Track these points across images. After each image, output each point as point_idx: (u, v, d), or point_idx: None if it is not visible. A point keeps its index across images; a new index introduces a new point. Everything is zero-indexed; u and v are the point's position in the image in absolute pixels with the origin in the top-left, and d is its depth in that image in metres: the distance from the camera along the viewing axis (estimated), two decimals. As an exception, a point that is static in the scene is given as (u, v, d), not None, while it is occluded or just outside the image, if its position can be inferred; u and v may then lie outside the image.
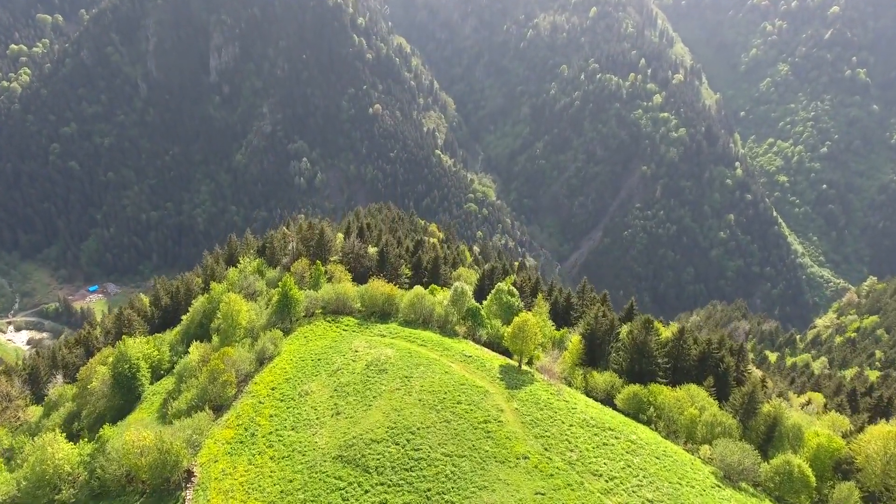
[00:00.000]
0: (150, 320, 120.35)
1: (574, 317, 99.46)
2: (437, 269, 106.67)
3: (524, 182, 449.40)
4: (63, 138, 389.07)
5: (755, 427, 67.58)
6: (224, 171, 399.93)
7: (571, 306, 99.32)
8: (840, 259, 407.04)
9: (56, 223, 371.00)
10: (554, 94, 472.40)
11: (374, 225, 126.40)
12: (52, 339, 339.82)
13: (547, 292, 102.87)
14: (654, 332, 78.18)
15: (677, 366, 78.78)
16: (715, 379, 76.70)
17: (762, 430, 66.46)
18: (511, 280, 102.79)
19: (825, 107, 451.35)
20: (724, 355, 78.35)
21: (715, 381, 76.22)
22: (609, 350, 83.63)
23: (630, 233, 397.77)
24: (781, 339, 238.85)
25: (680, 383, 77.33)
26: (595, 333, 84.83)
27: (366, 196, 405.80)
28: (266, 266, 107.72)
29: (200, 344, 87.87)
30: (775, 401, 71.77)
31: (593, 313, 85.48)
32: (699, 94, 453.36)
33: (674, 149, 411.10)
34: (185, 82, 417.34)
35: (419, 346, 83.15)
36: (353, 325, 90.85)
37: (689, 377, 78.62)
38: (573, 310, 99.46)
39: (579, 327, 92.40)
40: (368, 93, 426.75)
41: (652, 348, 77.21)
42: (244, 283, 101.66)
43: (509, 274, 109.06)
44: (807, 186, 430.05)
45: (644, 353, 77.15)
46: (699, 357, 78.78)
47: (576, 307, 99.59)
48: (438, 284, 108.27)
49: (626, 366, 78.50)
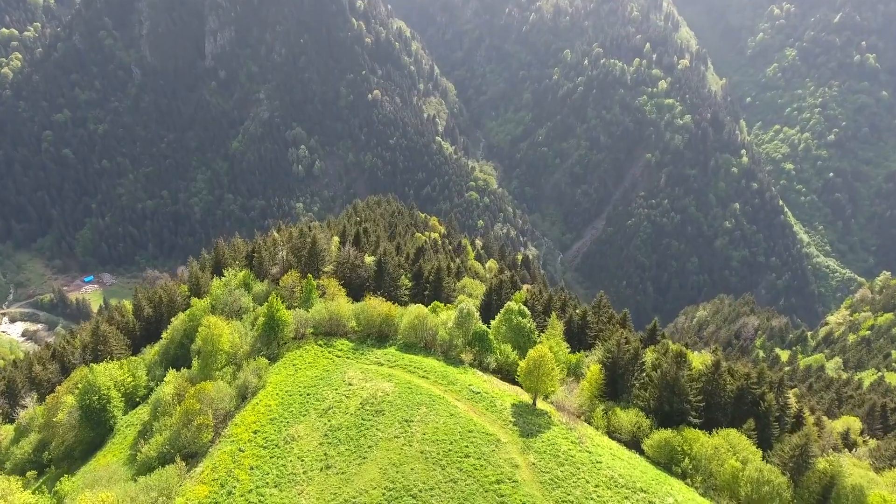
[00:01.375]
0: (132, 332, 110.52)
1: (590, 336, 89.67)
2: (440, 281, 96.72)
3: (526, 170, 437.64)
4: (56, 125, 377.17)
5: (807, 484, 58.12)
6: (220, 158, 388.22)
7: (587, 325, 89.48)
8: (846, 249, 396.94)
9: (50, 212, 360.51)
10: (557, 79, 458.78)
11: (371, 230, 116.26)
12: (47, 330, 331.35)
13: (560, 308, 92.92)
14: (686, 366, 68.38)
15: (710, 402, 69.20)
16: (755, 419, 67.14)
17: (816, 491, 57.03)
18: (521, 296, 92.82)
19: (833, 93, 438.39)
20: (764, 391, 68.67)
21: (755, 422, 66.63)
22: (633, 381, 73.96)
23: (634, 222, 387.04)
24: (792, 336, 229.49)
25: (714, 424, 67.78)
26: (617, 363, 75.09)
27: (365, 184, 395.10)
28: (253, 279, 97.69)
29: (177, 373, 78.16)
30: (832, 456, 62.19)
31: (615, 340, 75.61)
32: (705, 80, 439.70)
33: (679, 136, 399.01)
34: (180, 67, 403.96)
35: (420, 377, 73.39)
36: (348, 350, 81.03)
37: (723, 415, 69.09)
38: (589, 329, 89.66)
39: (597, 352, 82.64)
40: (367, 78, 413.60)
41: (684, 385, 67.48)
42: (229, 299, 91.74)
43: (518, 288, 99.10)
44: (813, 174, 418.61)
45: (675, 390, 67.43)
46: (736, 394, 69.12)
47: (592, 326, 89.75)
48: (441, 296, 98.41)
49: (654, 404, 68.84)
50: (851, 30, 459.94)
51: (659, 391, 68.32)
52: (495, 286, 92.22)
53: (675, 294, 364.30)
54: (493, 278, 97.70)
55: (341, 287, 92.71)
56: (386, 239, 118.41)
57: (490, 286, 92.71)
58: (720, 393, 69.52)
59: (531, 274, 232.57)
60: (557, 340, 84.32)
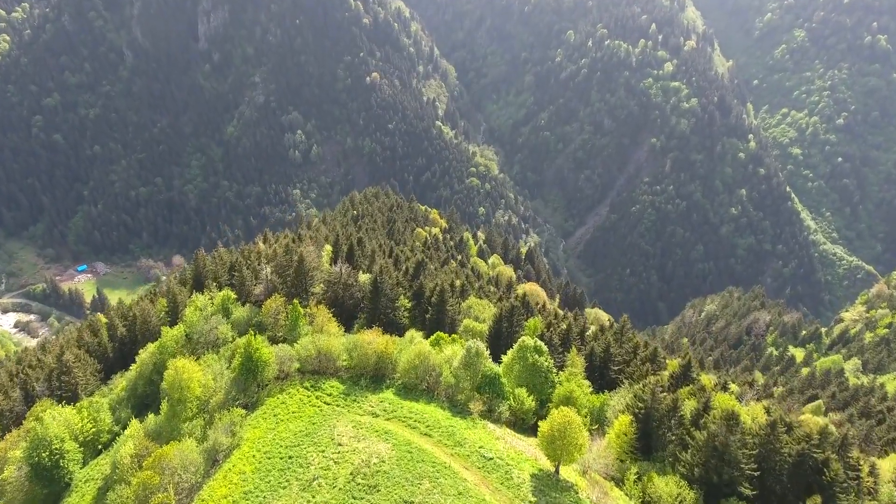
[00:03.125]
0: (104, 355, 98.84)
1: (614, 370, 78.10)
2: (444, 304, 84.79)
3: (528, 155, 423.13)
4: (46, 110, 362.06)
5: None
6: (215, 144, 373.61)
7: (610, 358, 77.83)
8: (853, 236, 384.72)
9: (41, 199, 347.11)
10: (560, 61, 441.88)
11: (366, 240, 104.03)
12: (40, 321, 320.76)
13: (578, 336, 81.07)
14: (738, 428, 56.74)
15: (765, 468, 57.83)
16: (819, 490, 55.85)
17: None
18: (535, 325, 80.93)
19: (842, 75, 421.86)
20: (828, 456, 57.21)
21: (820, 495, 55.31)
22: (669, 436, 62.55)
23: (638, 209, 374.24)
24: (805, 333, 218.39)
25: (769, 495, 56.54)
26: (650, 415, 63.55)
27: (364, 170, 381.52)
28: (233, 301, 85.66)
29: (139, 425, 66.59)
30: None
31: (648, 389, 63.92)
32: (711, 62, 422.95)
33: (685, 120, 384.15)
34: (173, 50, 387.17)
35: (422, 434, 61.81)
36: (338, 395, 69.30)
37: (779, 484, 57.75)
38: (612, 362, 78.04)
39: (624, 393, 71.09)
40: (365, 60, 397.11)
41: (735, 452, 55.96)
42: (204, 328, 79.84)
43: (533, 314, 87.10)
44: (821, 160, 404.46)
45: (725, 458, 55.92)
46: (795, 459, 57.61)
47: (615, 359, 78.11)
48: (444, 320, 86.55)
49: (699, 471, 57.41)
50: (862, 10, 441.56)
51: (705, 457, 56.77)
52: (506, 312, 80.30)
53: (679, 283, 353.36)
54: (503, 302, 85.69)
55: (332, 315, 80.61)
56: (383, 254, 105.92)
57: (500, 312, 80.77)
58: (776, 457, 57.98)
59: (535, 269, 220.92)
60: (579, 380, 72.79)
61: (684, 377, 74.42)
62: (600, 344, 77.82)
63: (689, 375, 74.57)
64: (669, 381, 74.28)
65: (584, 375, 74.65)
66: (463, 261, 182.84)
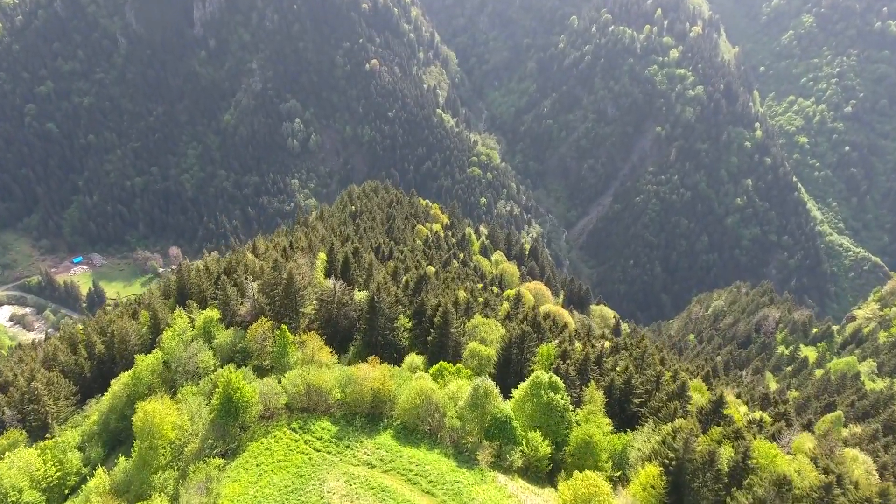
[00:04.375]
0: (80, 375, 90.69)
1: (635, 403, 69.96)
2: (447, 326, 76.42)
3: (530, 143, 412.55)
4: (39, 98, 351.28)
5: None
6: (212, 132, 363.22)
7: (632, 390, 69.65)
8: (860, 226, 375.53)
9: (35, 190, 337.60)
10: (563, 47, 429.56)
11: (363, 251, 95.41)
12: (35, 314, 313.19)
13: (595, 363, 72.76)
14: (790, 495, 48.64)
15: (816, 534, 49.94)
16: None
17: None
18: (549, 352, 72.61)
19: (851, 62, 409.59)
20: (891, 522, 49.33)
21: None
22: (704, 491, 54.52)
23: (642, 199, 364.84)
24: (817, 331, 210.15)
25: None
26: (683, 466, 55.50)
27: (363, 159, 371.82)
28: (216, 324, 77.29)
29: (104, 478, 58.52)
30: None
31: (681, 438, 55.73)
32: (717, 49, 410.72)
33: (690, 108, 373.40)
34: (168, 36, 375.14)
35: (424, 492, 53.82)
36: (329, 440, 61.14)
37: (834, 553, 49.87)
38: (634, 395, 69.89)
39: (649, 435, 62.99)
40: (365, 47, 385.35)
41: (787, 520, 48.00)
42: (184, 355, 71.55)
43: (546, 339, 78.67)
44: (828, 148, 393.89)
45: (775, 528, 47.95)
46: (853, 526, 49.71)
47: (636, 391, 69.94)
48: (448, 344, 78.20)
49: (744, 541, 49.52)
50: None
51: (751, 526, 48.76)
52: (515, 338, 71.92)
53: (683, 274, 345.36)
54: (511, 323, 77.28)
55: (324, 343, 72.27)
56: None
57: (509, 337, 72.39)
58: (831, 523, 49.97)
59: (539, 265, 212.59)
60: (598, 419, 64.61)
61: (715, 414, 66.31)
62: (621, 374, 69.48)
63: (720, 412, 66.45)
64: (698, 416, 66.30)
65: (603, 411, 66.51)
66: (465, 259, 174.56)
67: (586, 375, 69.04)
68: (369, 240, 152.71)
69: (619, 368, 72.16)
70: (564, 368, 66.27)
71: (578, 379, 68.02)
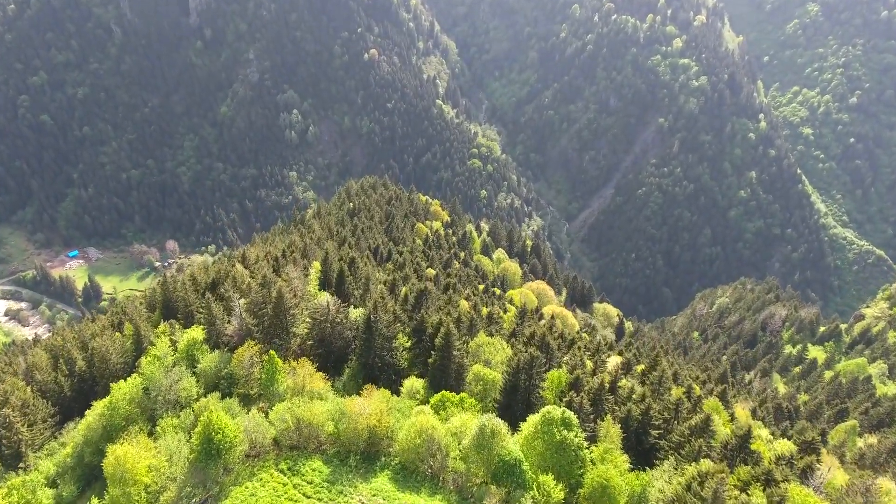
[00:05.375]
0: (60, 395, 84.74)
1: (653, 436, 64.01)
2: (450, 348, 70.30)
3: (531, 134, 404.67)
4: (32, 89, 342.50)
5: None
6: (208, 124, 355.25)
7: (650, 421, 63.71)
8: (864, 219, 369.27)
9: (30, 183, 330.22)
10: (564, 37, 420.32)
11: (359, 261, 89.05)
12: (30, 309, 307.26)
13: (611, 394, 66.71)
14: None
15: None
16: None
17: None
18: (559, 378, 66.53)
19: (857, 52, 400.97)
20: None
21: None
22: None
23: (644, 191, 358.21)
24: (824, 330, 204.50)
25: None
26: (713, 519, 49.67)
27: (362, 151, 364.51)
28: (200, 346, 71.10)
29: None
30: None
31: (710, 488, 49.78)
32: (721, 38, 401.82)
33: (693, 99, 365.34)
34: (163, 25, 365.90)
35: (425, 549, 48.08)
36: (320, 483, 55.24)
37: None
38: (653, 426, 63.95)
39: (670, 474, 57.11)
40: (363, 36, 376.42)
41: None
42: (164, 382, 65.44)
43: (555, 361, 72.47)
44: (832, 140, 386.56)
45: None
46: None
47: (655, 421, 63.96)
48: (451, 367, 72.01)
49: None
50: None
51: None
52: (524, 364, 65.82)
53: (685, 268, 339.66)
54: (520, 349, 71.12)
55: (316, 369, 66.21)
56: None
57: (517, 362, 66.27)
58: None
59: (541, 262, 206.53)
60: (615, 458, 58.71)
61: (741, 449, 60.42)
62: (638, 404, 63.47)
63: (747, 445, 60.57)
64: (723, 452, 60.47)
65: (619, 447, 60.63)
66: (466, 259, 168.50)
67: (601, 406, 63.01)
68: (367, 240, 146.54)
69: (635, 396, 66.12)
70: (578, 401, 60.16)
71: (592, 408, 61.94)
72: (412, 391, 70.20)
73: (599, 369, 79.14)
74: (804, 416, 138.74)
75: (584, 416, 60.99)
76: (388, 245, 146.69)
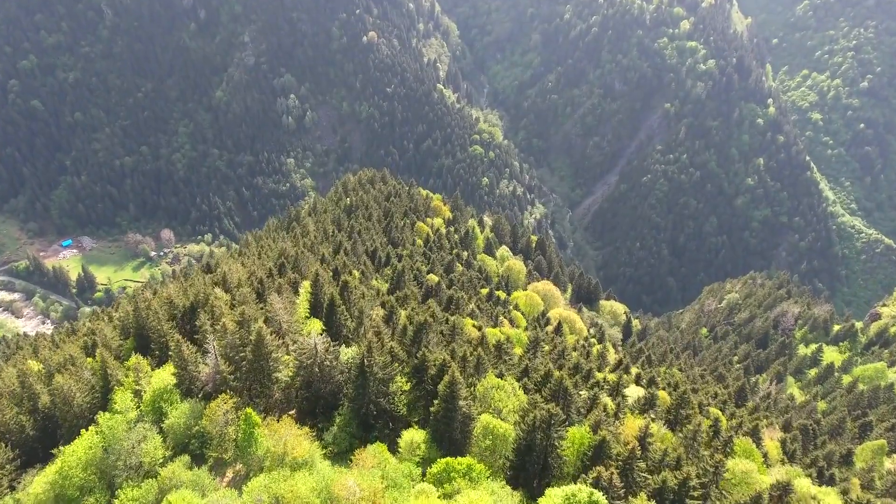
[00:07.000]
0: (21, 438, 75.28)
1: (690, 505, 54.61)
2: (454, 398, 60.57)
3: (534, 119, 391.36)
4: (22, 73, 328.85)
5: None
6: (203, 109, 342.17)
7: (687, 492, 54.23)
8: (873, 207, 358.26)
9: (21, 170, 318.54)
10: (569, 18, 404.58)
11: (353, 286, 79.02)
12: (24, 300, 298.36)
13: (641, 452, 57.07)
14: None
15: None
16: None
17: None
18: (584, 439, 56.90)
19: (868, 35, 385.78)
20: None
21: None
22: None
23: (649, 178, 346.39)
24: (839, 329, 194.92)
25: None
26: None
27: (361, 137, 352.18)
28: (172, 393, 61.41)
29: None
30: None
31: None
32: (730, 20, 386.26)
33: (701, 83, 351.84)
34: (156, 6, 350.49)
35: None
36: (303, 582, 45.99)
37: None
38: (690, 497, 54.50)
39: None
40: (362, 18, 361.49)
41: None
42: (124, 444, 55.77)
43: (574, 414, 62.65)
44: (842, 125, 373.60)
45: None
46: None
47: (695, 493, 54.49)
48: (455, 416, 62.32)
49: None
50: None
51: None
52: (541, 421, 56.11)
53: (691, 257, 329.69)
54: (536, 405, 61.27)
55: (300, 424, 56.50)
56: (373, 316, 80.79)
57: (533, 420, 56.61)
58: None
59: (547, 259, 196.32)
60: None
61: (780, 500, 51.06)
62: (673, 472, 53.86)
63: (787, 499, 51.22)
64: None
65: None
66: (469, 260, 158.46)
67: (631, 476, 53.41)
68: (364, 243, 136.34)
69: (668, 459, 56.47)
70: (608, 477, 50.47)
71: (623, 485, 52.32)
72: (412, 447, 60.48)
73: (622, 412, 69.44)
74: (825, 431, 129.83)
75: (614, 494, 51.40)
76: (386, 248, 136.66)
